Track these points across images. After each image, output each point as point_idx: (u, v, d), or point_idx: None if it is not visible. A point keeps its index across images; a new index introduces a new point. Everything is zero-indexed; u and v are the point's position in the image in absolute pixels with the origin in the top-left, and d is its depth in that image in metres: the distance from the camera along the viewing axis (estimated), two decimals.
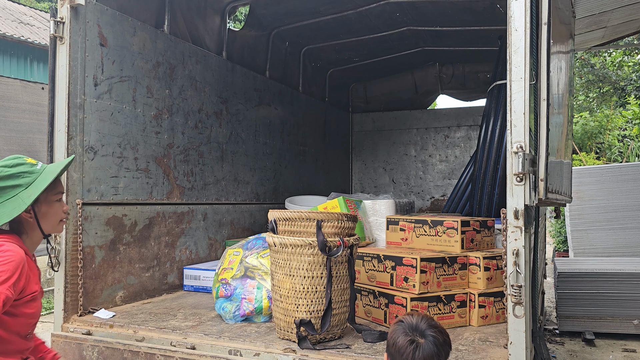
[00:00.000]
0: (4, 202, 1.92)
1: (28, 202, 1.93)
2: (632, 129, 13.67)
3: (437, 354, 1.72)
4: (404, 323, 1.80)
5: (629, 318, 5.53)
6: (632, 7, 5.13)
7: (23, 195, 1.94)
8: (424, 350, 1.71)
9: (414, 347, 1.72)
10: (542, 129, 2.21)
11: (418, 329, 1.77)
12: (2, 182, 1.93)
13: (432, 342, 1.72)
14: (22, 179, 1.96)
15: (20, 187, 1.95)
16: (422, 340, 1.74)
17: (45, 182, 1.97)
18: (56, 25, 2.95)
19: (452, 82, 6.79)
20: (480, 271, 2.88)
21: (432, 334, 1.75)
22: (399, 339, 1.76)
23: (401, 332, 1.77)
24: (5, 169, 1.95)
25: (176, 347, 2.58)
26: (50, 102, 2.98)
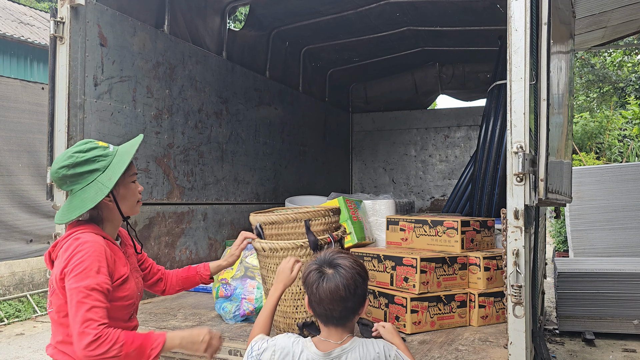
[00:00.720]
0: (84, 187, 1.88)
1: (110, 185, 1.88)
2: (632, 129, 13.67)
3: (345, 284, 1.64)
4: (317, 258, 1.75)
5: (629, 318, 5.53)
6: (632, 7, 5.13)
7: (102, 179, 1.89)
8: (329, 280, 1.65)
9: (319, 276, 1.67)
10: (542, 129, 2.22)
11: (326, 260, 1.71)
12: (79, 168, 1.88)
13: (341, 272, 1.66)
14: (98, 163, 1.91)
15: (97, 171, 1.90)
16: (330, 270, 1.68)
17: (124, 163, 1.93)
18: (56, 25, 2.95)
19: (452, 82, 6.79)
20: (480, 271, 2.88)
21: (341, 263, 1.69)
22: (308, 270, 1.71)
23: (311, 265, 1.72)
24: (80, 154, 1.90)
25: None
26: (50, 102, 2.98)
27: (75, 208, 1.88)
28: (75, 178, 1.89)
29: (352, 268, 1.69)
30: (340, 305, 1.65)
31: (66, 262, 1.79)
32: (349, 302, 1.66)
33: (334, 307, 1.65)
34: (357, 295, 1.67)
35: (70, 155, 1.90)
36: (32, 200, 7.53)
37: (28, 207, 7.51)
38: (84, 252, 1.80)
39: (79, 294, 1.72)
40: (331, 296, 1.63)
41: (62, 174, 1.89)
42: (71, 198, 1.91)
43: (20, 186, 7.41)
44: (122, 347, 1.71)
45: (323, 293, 1.64)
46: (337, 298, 1.63)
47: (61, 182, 1.92)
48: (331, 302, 1.64)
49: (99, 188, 1.88)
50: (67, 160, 1.89)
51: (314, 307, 1.70)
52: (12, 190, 7.31)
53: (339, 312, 1.67)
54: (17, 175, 7.39)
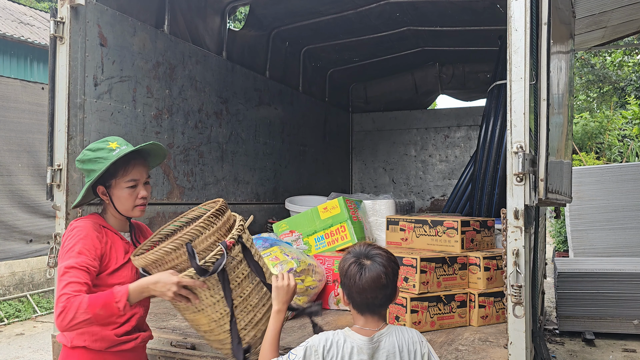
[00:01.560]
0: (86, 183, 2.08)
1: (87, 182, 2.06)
2: (632, 129, 13.67)
3: (384, 272, 1.77)
4: (351, 251, 1.87)
5: (629, 318, 5.53)
6: (632, 7, 5.13)
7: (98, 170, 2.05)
8: (370, 270, 1.77)
9: (359, 268, 1.78)
10: (542, 129, 2.22)
11: (362, 253, 1.83)
12: (85, 165, 2.08)
13: (378, 262, 1.78)
14: (97, 164, 2.06)
15: (94, 172, 2.05)
16: (368, 261, 1.80)
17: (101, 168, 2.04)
18: (56, 25, 2.94)
19: (452, 82, 6.79)
20: (480, 271, 2.88)
21: (377, 253, 1.82)
22: (347, 264, 1.83)
23: (349, 259, 1.84)
24: (89, 152, 2.09)
25: (176, 347, 2.58)
26: (50, 102, 2.98)
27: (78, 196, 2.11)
28: (85, 172, 2.10)
29: (388, 257, 1.82)
30: (382, 292, 1.77)
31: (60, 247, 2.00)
32: (389, 289, 1.79)
33: (376, 294, 1.77)
34: (394, 282, 1.81)
35: (83, 152, 2.12)
36: (32, 200, 7.53)
37: (28, 207, 7.51)
38: (70, 236, 1.97)
39: (59, 272, 1.86)
40: (374, 285, 1.75)
41: (77, 166, 2.13)
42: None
43: (20, 186, 7.41)
44: (88, 308, 1.77)
45: (366, 282, 1.75)
46: (379, 286, 1.76)
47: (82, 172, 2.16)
48: (374, 291, 1.76)
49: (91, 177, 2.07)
50: (80, 156, 2.12)
51: (354, 298, 1.80)
52: (12, 190, 7.31)
53: (380, 300, 1.78)
54: (17, 175, 7.39)
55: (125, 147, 2.12)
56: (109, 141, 2.13)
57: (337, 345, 1.78)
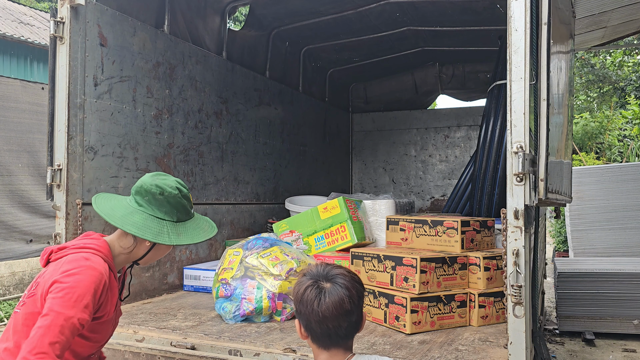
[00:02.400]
0: (152, 216, 1.86)
1: (176, 242, 1.85)
2: (632, 129, 13.67)
3: (348, 295, 1.49)
4: (307, 274, 1.58)
5: (629, 318, 5.53)
6: (632, 7, 5.13)
7: (172, 228, 1.87)
8: (331, 294, 1.48)
9: (318, 292, 1.49)
10: (542, 129, 2.22)
11: (320, 274, 1.54)
12: (174, 200, 1.87)
13: (340, 284, 1.50)
14: (180, 214, 1.90)
15: (174, 216, 1.88)
16: (328, 284, 1.51)
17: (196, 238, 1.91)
18: (56, 25, 2.95)
19: (452, 82, 6.79)
20: (480, 271, 2.88)
21: (338, 274, 1.53)
22: (302, 288, 1.52)
23: (305, 282, 1.53)
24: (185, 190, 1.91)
25: (176, 347, 2.58)
26: (50, 102, 2.98)
27: (134, 225, 1.83)
28: (161, 203, 1.87)
29: (351, 278, 1.56)
30: (346, 320, 1.50)
31: (62, 275, 1.67)
32: (354, 316, 1.52)
33: (339, 323, 1.49)
34: (359, 308, 1.55)
35: (177, 187, 1.89)
36: (32, 200, 7.53)
37: (28, 207, 7.51)
38: (84, 277, 1.68)
39: (56, 319, 1.59)
40: (336, 311, 1.48)
41: (168, 192, 1.86)
42: (134, 210, 1.87)
43: (20, 186, 7.40)
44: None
45: (327, 309, 1.48)
46: (342, 312, 1.48)
47: (141, 193, 1.89)
48: (336, 319, 1.48)
49: (165, 233, 1.85)
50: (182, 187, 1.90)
51: (312, 328, 1.52)
52: (12, 190, 7.31)
53: (344, 330, 1.51)
54: (17, 175, 7.39)
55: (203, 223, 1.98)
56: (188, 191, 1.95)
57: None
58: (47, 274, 1.73)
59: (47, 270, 1.76)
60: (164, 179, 1.90)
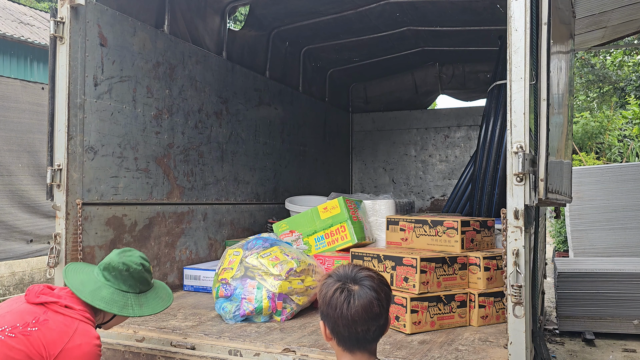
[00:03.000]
0: (118, 290, 2.10)
1: (138, 313, 2.11)
2: (632, 129, 13.67)
3: (377, 298, 1.46)
4: (332, 275, 1.55)
5: (629, 318, 5.53)
6: (632, 7, 5.13)
7: (134, 300, 2.12)
8: (360, 297, 1.46)
9: (347, 296, 1.46)
10: (542, 129, 2.21)
11: (348, 276, 1.51)
12: (135, 274, 2.12)
13: (368, 286, 1.47)
14: (142, 286, 2.17)
15: (134, 288, 2.15)
16: (356, 286, 1.48)
17: (155, 309, 2.18)
18: (56, 25, 2.95)
19: (452, 82, 6.79)
20: (480, 271, 2.88)
21: (366, 276, 1.50)
22: (329, 292, 1.49)
23: (332, 284, 1.51)
24: (147, 264, 2.19)
25: (176, 347, 2.58)
26: (50, 102, 2.98)
27: (102, 300, 2.03)
28: (122, 278, 2.11)
29: (379, 280, 1.53)
30: (375, 324, 1.48)
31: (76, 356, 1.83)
32: (382, 319, 1.50)
33: (368, 327, 1.47)
34: (387, 311, 1.52)
35: (141, 262, 2.16)
36: (32, 200, 7.53)
37: (28, 207, 7.51)
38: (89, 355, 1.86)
39: None
40: (365, 315, 1.45)
41: (120, 267, 2.10)
42: (102, 286, 2.08)
43: (20, 186, 7.40)
44: None
45: (356, 313, 1.45)
46: (371, 316, 1.46)
47: (109, 270, 2.10)
48: (366, 322, 1.46)
49: (129, 306, 2.10)
50: (136, 262, 2.14)
51: (339, 331, 1.49)
52: (12, 190, 7.31)
53: (372, 333, 1.49)
54: (17, 175, 7.39)
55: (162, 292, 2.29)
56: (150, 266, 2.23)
57: None
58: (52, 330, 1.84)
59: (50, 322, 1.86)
60: (129, 256, 2.15)
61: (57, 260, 2.89)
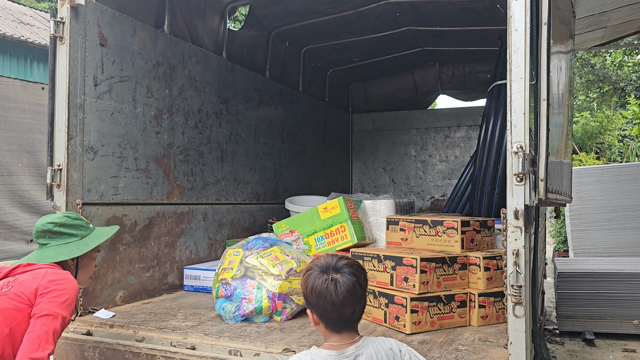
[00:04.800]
0: (60, 244, 2.27)
1: (86, 249, 2.30)
2: (632, 129, 13.67)
3: (358, 282, 1.70)
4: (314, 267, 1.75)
5: (629, 318, 5.53)
6: (632, 7, 5.13)
7: (79, 243, 2.31)
8: (344, 284, 1.67)
9: (334, 285, 1.67)
10: (542, 129, 2.22)
11: (330, 266, 1.73)
12: (64, 228, 2.29)
13: (349, 272, 1.70)
14: (79, 231, 2.34)
15: (76, 236, 2.32)
16: (338, 275, 1.69)
17: (102, 238, 2.39)
18: (56, 25, 2.95)
19: (452, 82, 6.79)
20: (480, 271, 2.88)
21: (345, 264, 1.73)
22: (316, 283, 1.70)
23: (316, 274, 1.71)
24: (69, 219, 2.33)
25: (176, 347, 2.58)
26: (50, 102, 2.98)
27: (48, 257, 2.22)
28: (56, 235, 2.28)
29: (357, 266, 1.75)
30: (359, 304, 1.71)
31: (53, 283, 2.04)
32: (364, 299, 1.74)
33: (354, 308, 1.69)
34: (366, 291, 1.76)
35: (61, 216, 2.33)
36: (32, 200, 7.53)
37: (28, 207, 7.51)
38: (71, 286, 2.07)
39: (56, 318, 1.97)
40: (352, 298, 1.67)
41: (47, 227, 2.27)
42: (44, 250, 2.26)
43: (20, 186, 7.40)
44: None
45: (344, 298, 1.65)
46: (356, 298, 1.69)
47: (41, 235, 2.28)
48: (352, 304, 1.68)
49: (75, 248, 2.28)
50: (57, 219, 2.31)
51: (328, 316, 1.70)
52: (12, 191, 7.31)
53: (358, 313, 1.72)
54: (17, 175, 7.39)
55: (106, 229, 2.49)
56: (77, 214, 2.42)
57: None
58: (25, 280, 2.06)
59: (20, 277, 2.09)
60: (49, 217, 2.32)
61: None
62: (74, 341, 2.78)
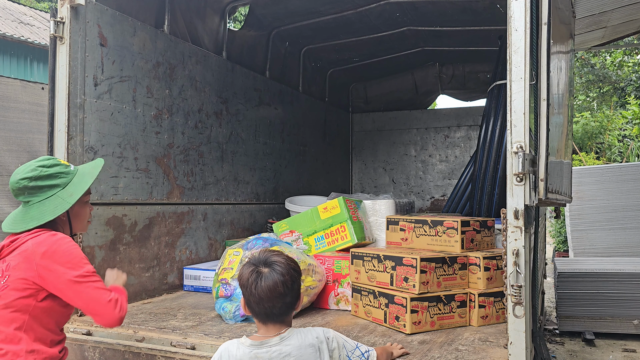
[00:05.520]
0: (43, 200, 2.00)
1: (71, 201, 2.02)
2: (632, 129, 13.67)
3: (282, 281, 1.73)
4: (250, 257, 1.83)
5: (629, 318, 5.53)
6: (632, 7, 5.13)
7: (63, 194, 2.02)
8: (266, 279, 1.73)
9: (256, 276, 1.74)
10: (542, 129, 2.22)
11: (261, 260, 1.79)
12: (41, 182, 2.00)
13: (277, 270, 1.74)
14: (59, 179, 2.04)
15: (58, 187, 2.03)
16: (266, 269, 1.75)
17: (86, 183, 2.09)
18: (56, 25, 2.95)
19: (452, 82, 6.79)
20: (480, 271, 2.88)
21: (276, 261, 1.78)
22: (243, 272, 1.79)
23: (247, 267, 1.79)
24: (44, 169, 2.02)
25: (176, 347, 2.58)
26: (50, 102, 2.98)
27: (32, 219, 1.97)
28: (35, 191, 2.00)
29: (287, 264, 1.78)
30: (280, 301, 1.74)
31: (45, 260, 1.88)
32: (287, 298, 1.76)
33: (273, 304, 1.74)
34: (294, 290, 1.78)
35: (34, 168, 2.01)
36: None
37: None
38: (68, 244, 1.93)
39: (87, 274, 1.91)
40: (270, 294, 1.72)
41: (22, 184, 1.98)
42: (27, 209, 2.01)
43: None
44: (125, 302, 1.99)
45: (262, 292, 1.72)
46: (276, 295, 1.73)
47: (19, 193, 2.01)
48: (270, 300, 1.73)
49: (59, 202, 2.00)
50: (30, 173, 1.99)
51: (252, 307, 1.77)
52: None
53: (278, 309, 1.75)
54: None
55: (72, 166, 2.15)
56: (53, 158, 2.10)
57: (229, 353, 1.77)
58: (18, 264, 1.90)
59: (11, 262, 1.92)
60: (22, 171, 2.02)
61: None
62: (74, 341, 2.78)
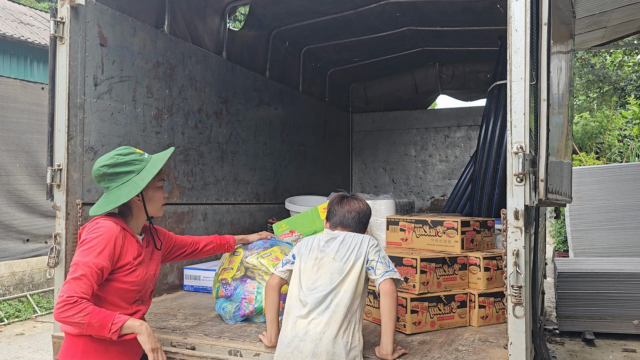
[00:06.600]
0: (119, 186, 2.22)
1: (142, 185, 2.21)
2: (632, 129, 13.67)
3: (358, 210, 2.42)
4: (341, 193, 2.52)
5: (629, 318, 5.53)
6: (632, 7, 5.13)
7: (136, 179, 2.22)
8: (350, 204, 2.44)
9: (341, 199, 2.46)
10: (542, 129, 2.21)
11: (352, 195, 2.49)
12: (118, 168, 2.22)
13: (358, 201, 2.46)
14: (134, 166, 2.25)
15: (132, 173, 2.24)
16: (353, 199, 2.45)
17: (155, 168, 2.25)
18: (56, 25, 2.94)
19: (452, 82, 6.79)
20: (480, 271, 2.88)
21: (357, 197, 2.49)
22: (336, 196, 2.48)
23: (337, 194, 2.50)
24: (120, 157, 2.25)
25: (176, 347, 2.58)
26: (50, 102, 2.98)
27: (111, 202, 2.20)
28: (113, 177, 2.22)
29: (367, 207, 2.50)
30: (355, 215, 2.42)
31: (83, 238, 2.14)
32: (361, 215, 2.44)
33: (351, 215, 2.41)
34: (366, 216, 2.47)
35: (112, 156, 2.24)
36: (29, 200, 7.54)
37: (25, 207, 7.52)
38: (96, 233, 2.12)
39: (77, 264, 2.04)
40: (350, 207, 2.43)
41: (102, 171, 2.22)
42: (107, 194, 2.24)
43: (17, 186, 7.41)
44: (88, 316, 1.97)
45: (346, 205, 2.43)
46: (355, 209, 2.43)
47: (100, 179, 2.25)
48: (349, 212, 2.42)
49: (133, 187, 2.20)
50: (108, 161, 2.23)
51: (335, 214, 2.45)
52: (10, 190, 7.32)
53: (351, 219, 2.41)
54: (14, 175, 7.39)
55: (146, 154, 2.35)
56: (130, 148, 2.32)
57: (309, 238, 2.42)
58: None
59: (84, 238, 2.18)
60: (102, 160, 2.26)
61: (57, 261, 2.89)
62: None
